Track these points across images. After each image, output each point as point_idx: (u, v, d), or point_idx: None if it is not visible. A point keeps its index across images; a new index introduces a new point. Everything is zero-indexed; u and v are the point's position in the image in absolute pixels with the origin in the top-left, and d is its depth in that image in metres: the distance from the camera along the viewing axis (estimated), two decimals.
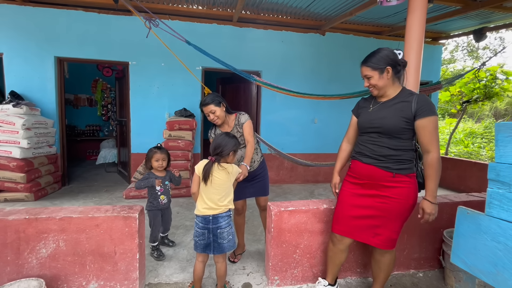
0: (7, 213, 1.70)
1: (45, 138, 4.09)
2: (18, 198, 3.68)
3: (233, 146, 1.78)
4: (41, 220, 1.67)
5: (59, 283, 1.72)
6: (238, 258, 2.42)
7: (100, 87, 7.09)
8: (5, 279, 1.64)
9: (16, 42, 4.19)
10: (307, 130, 5.30)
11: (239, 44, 4.84)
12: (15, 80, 4.23)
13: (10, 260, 1.65)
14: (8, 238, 1.64)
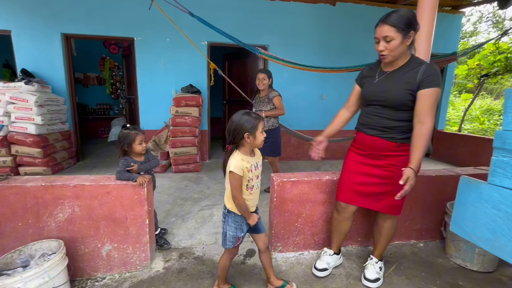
0: (25, 181, 1.81)
1: (58, 115, 4.22)
2: (36, 172, 3.89)
3: (246, 127, 1.39)
4: (56, 187, 1.78)
5: (77, 245, 1.86)
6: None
7: (108, 65, 7.11)
8: (28, 240, 1.78)
9: (23, 19, 4.20)
10: (314, 107, 5.22)
11: (246, 16, 4.68)
12: (24, 58, 4.30)
13: (32, 223, 1.79)
14: (28, 203, 1.76)
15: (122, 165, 1.90)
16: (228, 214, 1.59)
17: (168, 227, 2.54)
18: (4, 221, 1.76)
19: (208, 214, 2.85)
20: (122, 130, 1.97)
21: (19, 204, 1.76)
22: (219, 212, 2.91)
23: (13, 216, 1.76)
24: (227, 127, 1.46)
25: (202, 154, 4.89)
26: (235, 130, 1.42)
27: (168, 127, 4.41)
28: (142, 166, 1.96)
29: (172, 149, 4.15)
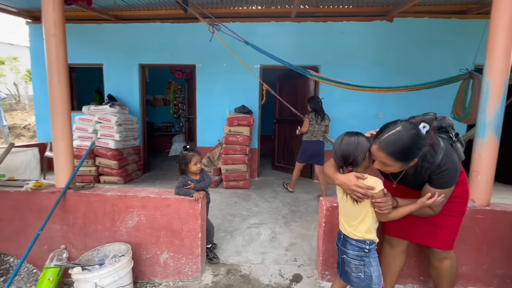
0: (106, 190, 2.15)
1: (131, 132, 4.91)
2: (112, 181, 4.54)
3: (366, 147, 1.31)
4: (128, 197, 2.06)
5: (141, 250, 2.09)
6: None
7: (173, 88, 8.05)
8: (104, 241, 2.09)
9: (112, 54, 5.12)
10: (369, 126, 4.90)
11: (297, 39, 4.82)
12: (111, 85, 5.19)
13: (108, 227, 2.10)
14: (106, 209, 2.08)
15: (181, 182, 2.11)
16: (369, 250, 1.36)
17: (218, 242, 2.65)
18: (89, 223, 2.10)
19: (256, 233, 2.89)
20: (182, 151, 2.21)
21: (100, 209, 2.09)
22: (266, 231, 2.92)
23: (95, 219, 2.10)
24: (341, 149, 1.33)
25: (252, 172, 5.03)
26: (358, 150, 1.30)
27: (221, 144, 4.70)
28: (197, 185, 2.14)
29: (224, 165, 4.38)
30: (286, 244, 2.66)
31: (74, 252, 2.12)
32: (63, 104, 2.05)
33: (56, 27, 1.97)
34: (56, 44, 1.98)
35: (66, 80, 2.07)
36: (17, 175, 2.67)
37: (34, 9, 4.81)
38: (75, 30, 4.98)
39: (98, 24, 5.06)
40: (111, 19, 4.93)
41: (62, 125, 2.07)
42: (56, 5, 1.96)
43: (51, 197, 2.07)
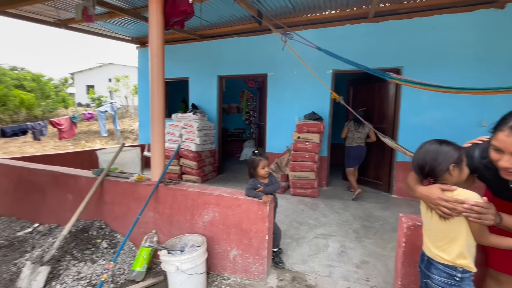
0: (188, 186, 2.45)
1: (209, 137, 5.46)
2: (192, 180, 5.12)
3: (450, 157, 1.13)
4: (206, 194, 2.30)
5: (214, 243, 2.29)
6: None
7: (246, 97, 8.58)
8: (185, 231, 2.37)
9: (196, 69, 5.86)
10: (468, 136, 4.10)
11: (375, 40, 4.48)
12: (194, 95, 5.92)
13: (188, 219, 2.38)
14: (188, 203, 2.37)
15: (250, 185, 2.23)
16: (462, 280, 1.14)
17: (283, 247, 2.66)
18: (174, 214, 2.43)
19: (323, 244, 2.77)
20: (251, 155, 2.35)
21: (183, 203, 2.39)
22: (334, 244, 2.77)
23: (179, 211, 2.41)
24: (417, 158, 1.22)
25: (320, 180, 4.87)
26: (438, 160, 1.14)
27: (289, 151, 4.73)
28: (266, 189, 2.22)
29: (292, 172, 4.38)
30: (356, 261, 2.46)
31: (161, 237, 2.49)
32: (159, 113, 2.47)
33: (158, 49, 2.40)
34: (157, 63, 2.41)
35: (163, 93, 2.48)
36: (125, 169, 3.32)
37: (142, 36, 5.95)
38: (169, 50, 5.91)
39: (186, 44, 5.88)
40: (197, 38, 5.66)
41: (158, 130, 2.49)
42: (159, 32, 2.39)
43: (148, 188, 2.49)
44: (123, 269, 2.36)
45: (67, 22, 4.44)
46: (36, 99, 14.77)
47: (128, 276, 2.29)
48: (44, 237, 2.87)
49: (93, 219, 2.81)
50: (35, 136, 5.26)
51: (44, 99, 15.62)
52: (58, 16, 4.20)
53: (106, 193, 2.75)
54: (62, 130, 5.75)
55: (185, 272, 1.92)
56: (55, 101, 16.47)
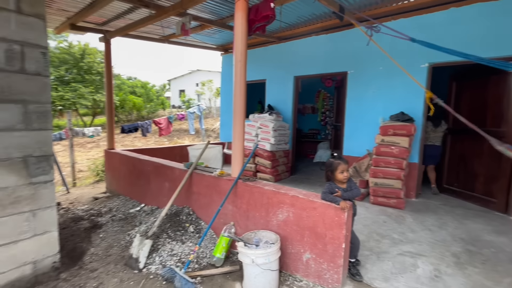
0: (264, 185, 2.55)
1: (283, 137, 5.52)
2: (266, 179, 5.29)
3: None
4: (281, 194, 2.34)
5: (287, 243, 2.31)
6: None
7: (322, 97, 8.29)
8: (259, 227, 2.48)
9: (273, 70, 6.01)
10: None
11: (491, 23, 3.61)
12: (271, 97, 6.10)
13: (263, 215, 2.48)
14: (263, 201, 2.47)
15: (327, 189, 2.14)
16: None
17: (361, 259, 2.45)
18: (250, 209, 2.57)
19: (410, 263, 2.42)
20: (329, 158, 2.26)
21: (259, 200, 2.50)
22: (425, 266, 2.39)
23: (255, 207, 2.53)
24: None
25: (408, 190, 4.26)
26: None
27: (370, 155, 4.32)
28: (345, 194, 2.09)
29: (373, 178, 3.99)
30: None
31: (238, 230, 2.66)
32: (241, 114, 2.65)
33: (241, 55, 2.58)
34: (240, 67, 2.59)
35: (245, 95, 2.65)
36: (209, 164, 3.71)
37: (226, 44, 6.50)
38: (248, 55, 6.27)
39: (263, 47, 6.11)
40: (275, 41, 5.80)
41: (239, 130, 2.67)
42: (243, 38, 2.56)
43: (228, 183, 2.71)
44: (206, 253, 2.64)
45: (168, 37, 5.26)
46: (143, 102, 18.09)
47: (209, 260, 2.55)
48: (148, 216, 3.49)
49: (183, 205, 3.25)
50: (143, 133, 6.44)
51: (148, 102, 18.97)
52: (162, 33, 5.03)
53: (194, 184, 3.13)
54: (162, 128, 6.85)
55: (259, 266, 2.00)
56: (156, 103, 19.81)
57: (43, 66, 2.23)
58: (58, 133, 5.41)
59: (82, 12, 3.81)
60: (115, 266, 2.48)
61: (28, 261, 2.22)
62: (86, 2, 3.54)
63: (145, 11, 3.82)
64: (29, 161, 2.19)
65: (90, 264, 2.52)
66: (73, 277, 2.32)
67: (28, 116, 2.17)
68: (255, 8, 2.56)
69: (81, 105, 14.28)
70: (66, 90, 13.62)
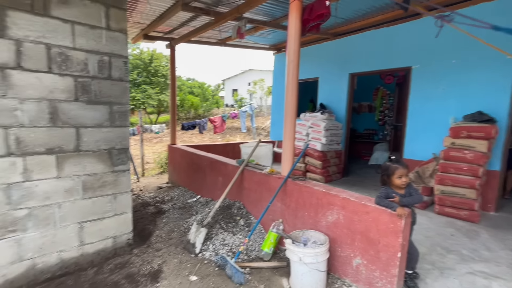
0: (314, 185, 2.53)
1: (335, 137, 5.32)
2: (315, 179, 5.19)
3: None
4: (331, 195, 2.30)
5: (336, 246, 2.26)
6: None
7: (380, 94, 7.68)
8: (308, 226, 2.48)
9: (326, 68, 5.84)
10: None
11: None
12: (323, 95, 5.94)
13: (312, 215, 2.47)
14: (312, 201, 2.46)
15: (383, 193, 2.02)
16: None
17: (420, 273, 2.25)
18: (298, 208, 2.59)
19: (483, 285, 2.12)
20: (386, 161, 2.11)
21: (307, 199, 2.50)
22: None
23: (303, 206, 2.54)
24: None
25: (485, 202, 3.68)
26: None
27: (437, 159, 3.87)
28: (404, 200, 1.95)
29: (439, 186, 3.57)
30: None
31: (286, 227, 2.71)
32: (292, 113, 2.67)
33: (294, 54, 2.60)
34: (293, 67, 2.62)
35: (296, 95, 2.67)
36: (260, 162, 3.83)
37: (278, 43, 6.56)
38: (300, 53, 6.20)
39: (316, 45, 5.96)
40: (329, 37, 5.61)
41: (290, 129, 2.70)
42: (296, 39, 2.58)
43: (278, 181, 2.77)
44: (254, 246, 2.76)
45: (225, 40, 5.57)
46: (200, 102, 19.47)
47: (257, 253, 2.66)
48: (203, 206, 3.80)
49: (234, 200, 3.44)
50: (200, 130, 6.98)
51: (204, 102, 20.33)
52: (220, 37, 5.36)
53: (245, 180, 3.29)
54: (216, 126, 7.31)
55: (307, 265, 2.02)
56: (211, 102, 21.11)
57: (124, 72, 2.64)
58: (131, 129, 6.26)
59: (153, 23, 4.33)
60: (175, 249, 2.79)
61: (110, 236, 2.66)
62: (157, 14, 4.02)
63: (205, 18, 4.14)
64: (112, 153, 2.62)
65: (156, 244, 2.89)
66: (142, 253, 2.70)
67: (112, 115, 2.59)
68: (310, 7, 2.55)
69: (148, 104, 16.14)
70: (137, 91, 15.57)
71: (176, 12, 3.65)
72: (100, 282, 2.24)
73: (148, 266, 2.47)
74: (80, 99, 2.38)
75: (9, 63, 2.03)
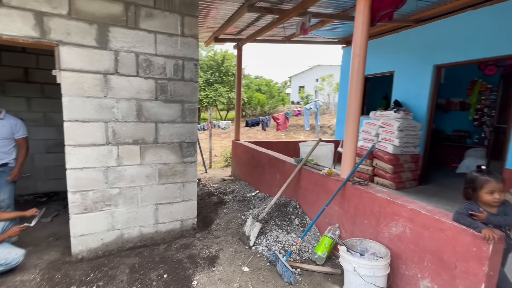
0: (376, 191, 2.30)
1: (412, 139, 4.67)
2: (384, 184, 4.68)
3: None
4: (396, 204, 2.04)
5: (399, 262, 2.01)
6: None
7: (478, 89, 6.31)
8: (367, 236, 2.27)
9: (403, 59, 5.15)
10: None
11: None
12: (399, 91, 5.27)
13: (372, 224, 2.25)
14: (374, 208, 2.23)
15: (464, 209, 1.68)
16: None
17: None
18: (357, 215, 2.40)
19: None
20: (473, 171, 1.73)
21: (368, 206, 2.29)
22: None
23: (363, 214, 2.34)
24: None
25: None
26: None
27: None
28: (492, 218, 1.58)
29: None
30: None
31: (343, 233, 2.55)
32: (355, 111, 2.48)
33: (360, 48, 2.39)
34: (358, 62, 2.41)
35: (361, 92, 2.46)
36: (319, 162, 3.69)
37: (348, 36, 6.12)
38: (371, 45, 5.62)
39: (392, 34, 5.29)
40: (410, 24, 4.91)
41: (352, 128, 2.51)
42: (363, 30, 2.36)
43: (336, 183, 2.62)
44: (308, 248, 2.70)
45: (290, 37, 5.53)
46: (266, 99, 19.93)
47: (310, 256, 2.59)
48: (260, 201, 3.91)
49: (291, 198, 3.42)
50: (263, 127, 7.17)
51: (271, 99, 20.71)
52: (284, 34, 5.35)
53: (302, 179, 3.23)
54: (279, 123, 7.37)
55: (362, 277, 1.86)
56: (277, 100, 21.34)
57: (195, 74, 2.92)
58: (202, 125, 6.92)
59: (223, 26, 4.64)
60: (232, 238, 2.97)
61: (178, 219, 3.02)
62: (225, 18, 4.30)
63: (270, 16, 4.20)
64: (182, 146, 2.95)
65: (215, 232, 3.14)
66: (203, 238, 2.97)
67: (184, 112, 2.92)
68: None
69: (219, 102, 17.46)
70: (210, 90, 17.02)
71: (242, 14, 3.82)
72: (168, 258, 2.57)
73: (207, 251, 2.70)
74: (159, 98, 2.76)
75: (109, 69, 2.51)
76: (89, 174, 2.54)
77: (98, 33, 2.42)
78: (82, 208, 2.54)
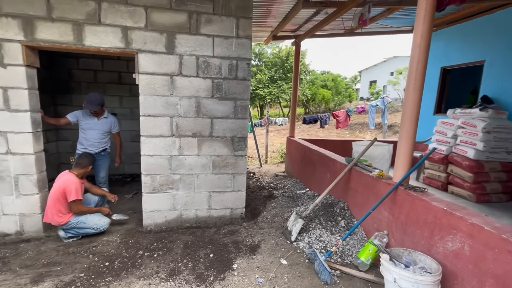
0: (432, 199, 2.03)
1: (505, 144, 3.82)
2: (461, 195, 3.99)
3: None
4: (454, 217, 1.78)
5: (454, 282, 1.75)
6: None
7: None
8: (418, 248, 2.04)
9: (498, 47, 4.22)
10: None
11: None
12: (490, 85, 4.37)
13: (425, 236, 2.01)
14: (428, 218, 1.99)
15: None
16: None
17: None
18: (409, 223, 2.18)
19: None
20: None
21: (422, 215, 2.05)
22: None
23: (416, 223, 2.11)
24: None
25: None
26: None
27: None
28: None
29: None
30: None
31: (392, 241, 2.35)
32: (412, 109, 2.23)
33: (422, 38, 2.13)
34: (419, 53, 2.15)
35: (420, 88, 2.19)
36: (374, 163, 3.42)
37: None
38: (452, 31, 4.77)
39: (483, 17, 4.38)
40: (506, 3, 3.98)
41: (408, 128, 2.27)
42: (426, 17, 2.10)
43: (387, 187, 2.42)
44: (352, 252, 2.59)
45: (352, 30, 5.19)
46: (332, 95, 19.02)
47: (353, 260, 2.48)
48: (309, 199, 3.89)
49: (339, 199, 3.30)
50: (321, 124, 6.97)
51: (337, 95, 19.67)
52: (344, 27, 5.05)
53: (352, 180, 3.08)
54: (339, 121, 7.03)
55: None
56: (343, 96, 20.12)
57: (247, 73, 3.11)
58: (259, 121, 7.17)
59: (280, 24, 4.71)
60: (276, 231, 3.07)
61: (228, 207, 3.30)
62: (282, 16, 4.35)
63: (328, 10, 4.05)
64: (234, 140, 3.19)
65: (261, 223, 3.29)
66: (249, 227, 3.17)
67: (236, 109, 3.15)
68: None
69: (282, 98, 17.58)
70: (273, 87, 17.29)
71: (298, 11, 3.80)
72: (216, 240, 2.86)
73: (251, 240, 2.88)
74: (214, 96, 3.06)
75: (175, 71, 2.92)
76: (157, 160, 3.02)
77: (167, 40, 2.84)
78: (151, 189, 3.05)
